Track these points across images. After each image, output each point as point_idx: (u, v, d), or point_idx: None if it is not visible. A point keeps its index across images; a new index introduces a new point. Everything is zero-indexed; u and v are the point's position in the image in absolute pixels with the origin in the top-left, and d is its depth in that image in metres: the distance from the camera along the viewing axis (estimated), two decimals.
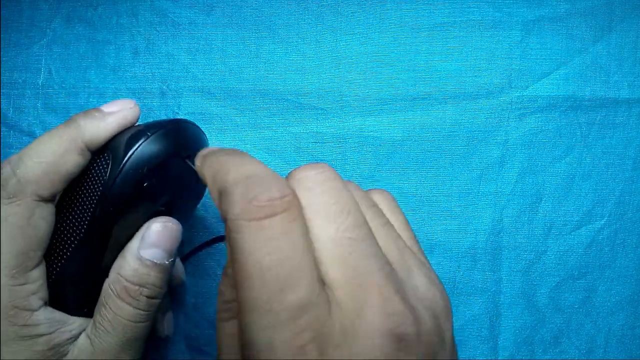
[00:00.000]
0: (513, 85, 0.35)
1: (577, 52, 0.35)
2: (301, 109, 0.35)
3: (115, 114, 0.26)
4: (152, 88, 0.35)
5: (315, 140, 0.35)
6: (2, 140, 0.35)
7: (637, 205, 0.35)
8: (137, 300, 0.25)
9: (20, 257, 0.24)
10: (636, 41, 0.35)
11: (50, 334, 0.24)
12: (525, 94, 0.35)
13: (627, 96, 0.35)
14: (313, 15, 0.35)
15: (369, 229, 0.19)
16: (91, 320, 0.26)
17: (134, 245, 0.25)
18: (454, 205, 0.35)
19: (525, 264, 0.35)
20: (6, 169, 0.24)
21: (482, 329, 0.34)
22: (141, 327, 0.26)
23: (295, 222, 0.17)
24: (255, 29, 0.35)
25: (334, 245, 0.18)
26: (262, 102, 0.35)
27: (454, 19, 0.35)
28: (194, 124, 0.28)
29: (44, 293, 0.25)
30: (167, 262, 0.26)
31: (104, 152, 0.25)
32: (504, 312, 0.34)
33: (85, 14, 0.35)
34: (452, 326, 0.19)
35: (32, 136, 0.35)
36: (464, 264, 0.35)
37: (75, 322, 0.25)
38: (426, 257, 0.22)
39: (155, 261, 0.25)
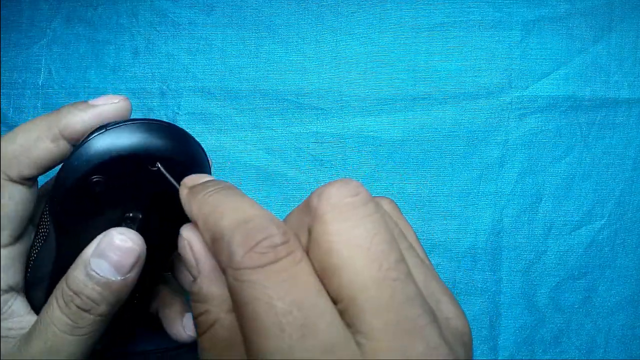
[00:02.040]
0: (513, 85, 0.35)
1: (577, 52, 0.35)
2: (301, 109, 0.35)
3: (97, 107, 0.24)
4: (152, 88, 0.35)
5: (315, 140, 0.35)
6: None
7: (637, 205, 0.35)
8: (68, 307, 0.23)
9: None
10: (636, 41, 0.35)
11: None
12: (525, 94, 0.35)
13: (627, 96, 0.35)
14: (313, 15, 0.35)
15: (407, 265, 0.17)
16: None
17: (87, 251, 0.24)
18: (454, 205, 0.35)
19: (525, 264, 0.35)
20: None
21: (482, 329, 0.34)
22: (66, 339, 0.23)
23: (301, 263, 0.16)
24: (255, 29, 0.35)
25: (376, 287, 0.16)
26: (262, 102, 0.35)
27: (454, 19, 0.35)
28: (177, 128, 0.25)
29: (8, 279, 0.24)
30: (112, 279, 0.23)
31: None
32: (504, 312, 0.34)
33: (85, 14, 0.35)
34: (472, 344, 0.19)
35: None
36: (464, 264, 0.35)
37: (19, 323, 0.25)
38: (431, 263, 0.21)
39: (99, 274, 0.23)
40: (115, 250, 0.23)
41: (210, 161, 0.26)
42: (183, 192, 0.20)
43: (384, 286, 0.16)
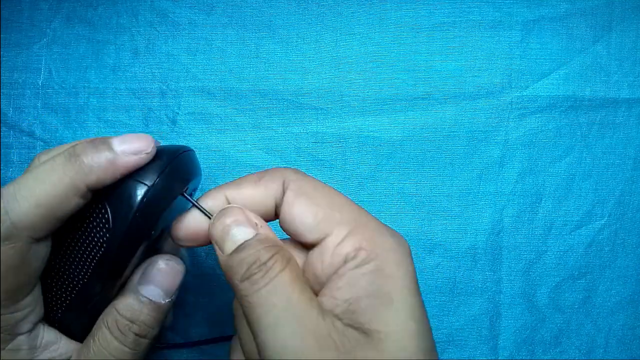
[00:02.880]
0: (513, 85, 0.35)
1: (577, 52, 0.35)
2: (301, 109, 0.35)
3: (125, 157, 0.23)
4: (152, 88, 0.35)
5: (315, 140, 0.35)
6: (2, 140, 0.35)
7: (637, 205, 0.35)
8: (125, 335, 0.24)
9: (11, 293, 0.23)
10: (636, 41, 0.35)
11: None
12: (525, 94, 0.35)
13: (627, 96, 0.35)
14: (313, 15, 0.35)
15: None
16: (76, 350, 0.25)
17: (134, 279, 0.25)
18: (454, 205, 0.35)
19: (525, 264, 0.35)
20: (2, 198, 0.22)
21: (482, 329, 0.34)
22: None
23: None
24: (255, 29, 0.35)
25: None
26: (262, 102, 0.35)
27: (454, 19, 0.35)
28: (185, 152, 0.26)
29: (35, 315, 0.24)
30: (163, 302, 0.25)
31: (103, 200, 0.23)
32: (504, 312, 0.34)
33: (85, 14, 0.35)
34: None
35: (32, 136, 0.35)
36: (464, 264, 0.35)
37: (57, 350, 0.25)
38: None
39: (152, 299, 0.25)
40: (163, 275, 0.25)
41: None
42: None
43: None
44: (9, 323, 0.23)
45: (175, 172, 0.24)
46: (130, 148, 0.23)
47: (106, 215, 0.23)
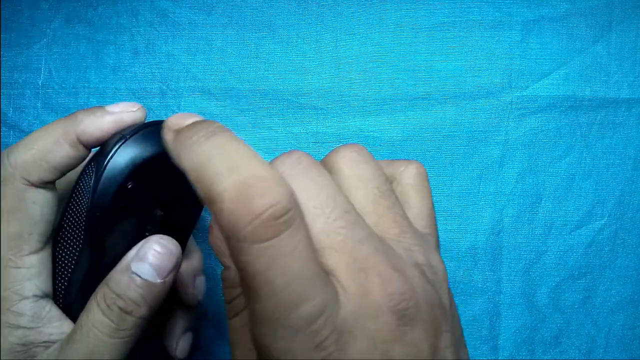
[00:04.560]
0: (513, 85, 0.35)
1: (577, 52, 0.35)
2: (301, 109, 0.35)
3: (114, 114, 0.25)
4: (152, 88, 0.35)
5: (315, 140, 0.35)
6: (2, 140, 0.35)
7: (637, 205, 0.35)
8: (110, 309, 0.24)
9: (15, 239, 0.24)
10: (636, 41, 0.35)
11: (29, 328, 0.24)
12: (525, 94, 0.35)
13: (627, 96, 0.35)
14: (313, 15, 0.35)
15: (357, 214, 0.19)
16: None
17: (128, 256, 0.25)
18: (454, 205, 0.35)
19: (525, 264, 0.35)
20: (3, 155, 0.24)
21: (482, 329, 0.34)
22: (108, 342, 0.24)
23: (300, 233, 0.17)
24: (255, 29, 0.35)
25: (327, 236, 0.18)
26: (262, 102, 0.35)
27: (454, 19, 0.35)
28: None
29: (42, 284, 0.25)
30: (154, 282, 0.24)
31: (91, 162, 0.25)
32: (504, 312, 0.34)
33: (85, 14, 0.35)
34: (448, 287, 0.21)
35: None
36: (464, 264, 0.35)
37: (59, 327, 0.25)
38: (434, 227, 0.23)
39: (141, 276, 0.24)
40: (156, 255, 0.24)
41: None
42: (168, 137, 0.20)
43: (334, 234, 0.18)
44: (14, 278, 0.24)
45: (156, 132, 0.24)
46: (117, 107, 0.25)
47: (92, 169, 0.24)
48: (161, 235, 0.25)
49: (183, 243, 0.29)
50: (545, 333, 0.35)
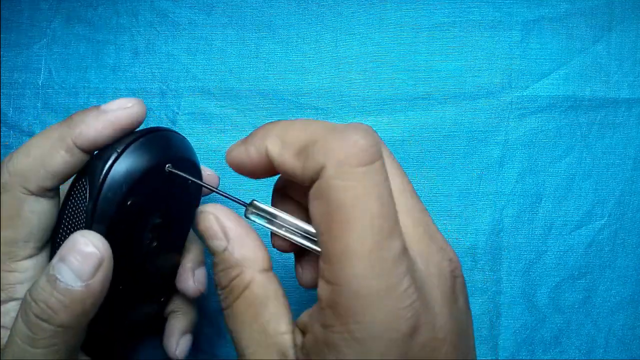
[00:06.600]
0: (513, 85, 0.35)
1: (577, 52, 0.35)
2: (301, 109, 0.35)
3: (108, 113, 0.24)
4: (152, 88, 0.35)
5: None
6: (2, 140, 0.35)
7: (637, 205, 0.35)
8: (27, 316, 0.21)
9: (10, 245, 0.24)
10: (636, 41, 0.35)
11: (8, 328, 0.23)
12: (525, 94, 0.35)
13: (627, 96, 0.35)
14: (313, 15, 0.35)
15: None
16: None
17: (55, 256, 0.22)
18: (454, 205, 0.35)
19: (525, 264, 0.35)
20: (3, 162, 0.24)
21: (482, 329, 0.34)
22: (28, 351, 0.21)
23: (384, 168, 0.19)
24: (255, 29, 0.35)
25: (400, 195, 0.20)
26: (262, 102, 0.35)
27: (454, 19, 0.35)
28: (166, 129, 0.26)
29: None
30: (72, 287, 0.21)
31: (84, 174, 0.24)
32: (504, 312, 0.34)
33: (85, 14, 0.35)
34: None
35: (32, 136, 0.35)
36: (464, 264, 0.35)
37: None
38: None
39: (59, 279, 0.21)
40: (75, 255, 0.21)
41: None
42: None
43: (406, 196, 0.21)
44: (8, 281, 0.24)
45: (150, 143, 0.24)
46: (113, 104, 0.24)
47: (85, 186, 0.24)
48: (86, 231, 0.22)
49: (182, 243, 0.29)
50: (545, 333, 0.35)
